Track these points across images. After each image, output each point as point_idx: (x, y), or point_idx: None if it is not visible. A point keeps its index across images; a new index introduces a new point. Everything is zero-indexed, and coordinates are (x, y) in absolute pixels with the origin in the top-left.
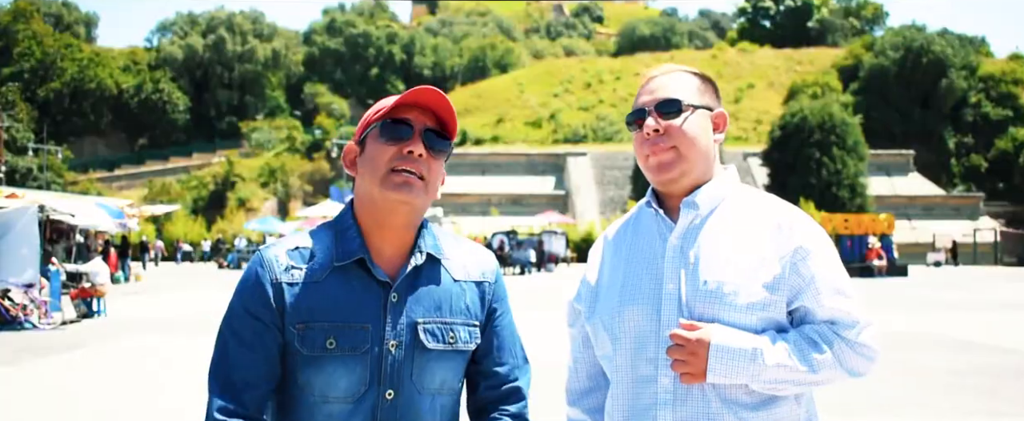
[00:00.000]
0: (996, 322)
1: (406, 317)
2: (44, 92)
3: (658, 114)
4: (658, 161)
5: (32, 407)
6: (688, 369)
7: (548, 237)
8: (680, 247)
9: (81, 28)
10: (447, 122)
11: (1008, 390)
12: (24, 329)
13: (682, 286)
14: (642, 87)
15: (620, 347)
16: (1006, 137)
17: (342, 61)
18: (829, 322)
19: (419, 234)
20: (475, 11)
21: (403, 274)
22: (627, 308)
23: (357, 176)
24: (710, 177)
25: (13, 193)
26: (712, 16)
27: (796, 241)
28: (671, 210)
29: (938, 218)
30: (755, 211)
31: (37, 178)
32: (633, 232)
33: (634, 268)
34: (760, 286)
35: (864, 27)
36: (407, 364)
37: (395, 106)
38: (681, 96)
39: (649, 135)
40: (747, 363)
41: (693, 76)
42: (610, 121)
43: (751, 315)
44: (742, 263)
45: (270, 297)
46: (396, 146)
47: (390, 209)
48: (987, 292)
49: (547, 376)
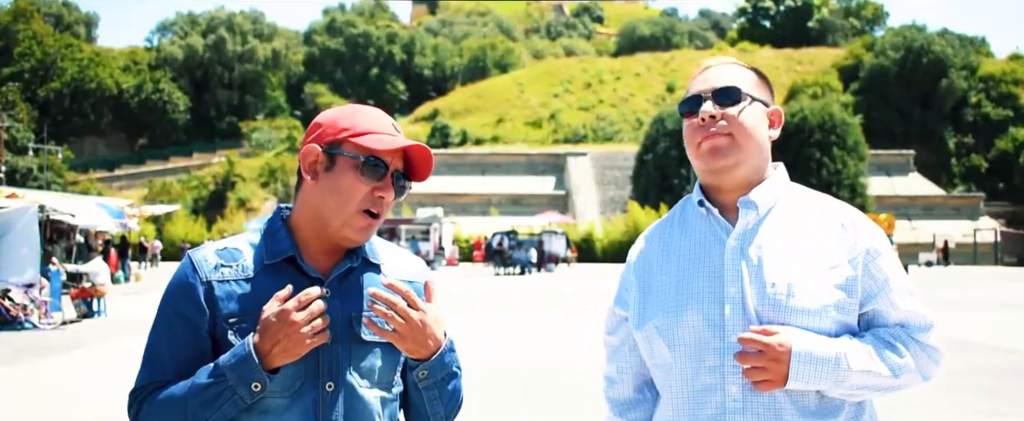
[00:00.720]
0: (996, 322)
1: (340, 311)
2: (44, 92)
3: (715, 101)
4: (712, 145)
5: (32, 407)
6: (767, 376)
7: (548, 237)
8: (739, 248)
9: (81, 28)
10: (417, 167)
11: (1008, 390)
12: (24, 329)
13: (746, 289)
14: (696, 76)
15: (679, 355)
16: (1006, 137)
17: (342, 61)
18: (900, 324)
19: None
20: (475, 11)
21: (336, 272)
22: (686, 314)
23: (315, 185)
24: (764, 175)
25: (13, 193)
26: (712, 16)
27: (865, 242)
28: (724, 209)
29: (938, 218)
30: (815, 210)
31: (37, 178)
32: (681, 233)
33: (689, 272)
34: (833, 288)
35: (864, 27)
36: (345, 357)
37: (373, 140)
38: (740, 85)
39: (705, 120)
40: (831, 369)
41: (749, 70)
42: (610, 121)
43: (825, 319)
44: (810, 265)
45: (200, 297)
46: (370, 185)
47: (343, 238)
48: (987, 292)
49: (548, 376)
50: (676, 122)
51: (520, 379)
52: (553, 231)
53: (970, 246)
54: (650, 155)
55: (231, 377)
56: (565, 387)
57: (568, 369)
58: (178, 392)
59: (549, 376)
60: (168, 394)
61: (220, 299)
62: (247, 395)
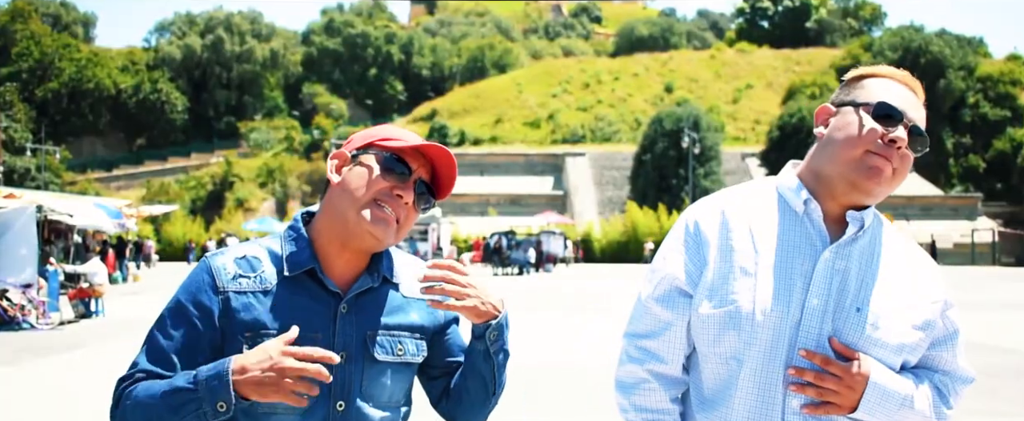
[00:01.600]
0: (995, 322)
1: (356, 328)
2: (42, 92)
3: (911, 136)
4: (879, 165)
5: (31, 407)
6: (837, 401)
7: (546, 237)
8: (832, 262)
9: (79, 28)
10: (441, 181)
11: (1008, 390)
12: (22, 329)
13: (830, 306)
14: (895, 84)
15: (753, 352)
16: (1004, 137)
17: (340, 61)
18: (947, 373)
19: (376, 257)
20: (473, 11)
21: (355, 288)
22: (768, 313)
23: (336, 186)
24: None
25: (11, 193)
26: (710, 16)
27: (944, 290)
28: (828, 218)
29: (936, 218)
30: (901, 246)
31: (35, 178)
32: (772, 226)
33: (783, 269)
34: (911, 327)
35: (862, 27)
36: (357, 376)
37: (410, 147)
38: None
39: (890, 141)
40: (896, 407)
41: (926, 120)
42: (608, 121)
43: (898, 355)
44: (896, 300)
45: (213, 307)
46: (389, 183)
47: (358, 235)
48: (986, 292)
49: (548, 376)
50: (674, 122)
51: (519, 379)
52: (551, 231)
53: (968, 246)
54: (648, 155)
55: (202, 388)
56: (565, 387)
57: (568, 369)
58: (156, 389)
59: (549, 376)
60: (148, 387)
61: (236, 311)
62: (211, 412)
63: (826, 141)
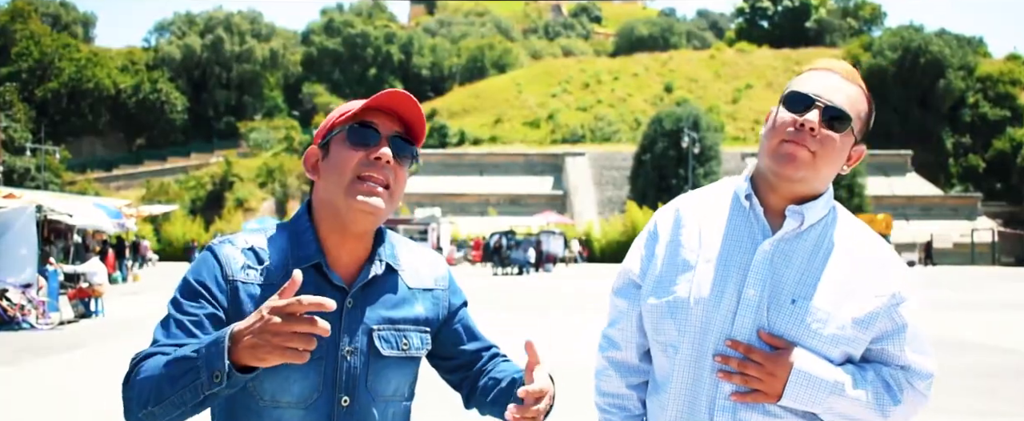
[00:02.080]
0: (994, 322)
1: (362, 323)
2: (42, 92)
3: (823, 117)
4: (793, 152)
5: (31, 407)
6: (762, 388)
7: (546, 237)
8: (771, 254)
9: (79, 28)
10: (414, 127)
11: (1007, 390)
12: (22, 329)
13: (764, 297)
14: (818, 70)
15: (685, 340)
16: (1004, 137)
17: (340, 61)
18: (903, 367)
19: (377, 241)
20: (473, 11)
21: (360, 281)
22: (703, 302)
23: (319, 180)
24: (818, 193)
25: (11, 193)
26: (710, 16)
27: (895, 284)
28: (768, 209)
29: (936, 218)
30: (853, 239)
31: (35, 178)
32: (719, 220)
33: (720, 262)
34: (850, 320)
35: (862, 27)
36: (362, 371)
37: (363, 109)
38: (853, 115)
39: (801, 126)
40: (825, 395)
41: (868, 103)
42: (608, 121)
43: (834, 347)
44: (835, 292)
45: (217, 289)
46: (363, 151)
47: (353, 218)
48: (985, 292)
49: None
50: (674, 122)
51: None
52: (551, 231)
53: (967, 246)
54: (648, 155)
55: (201, 357)
56: (564, 387)
57: (568, 369)
58: (164, 359)
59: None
60: (158, 359)
61: (242, 302)
62: (206, 382)
63: (762, 137)
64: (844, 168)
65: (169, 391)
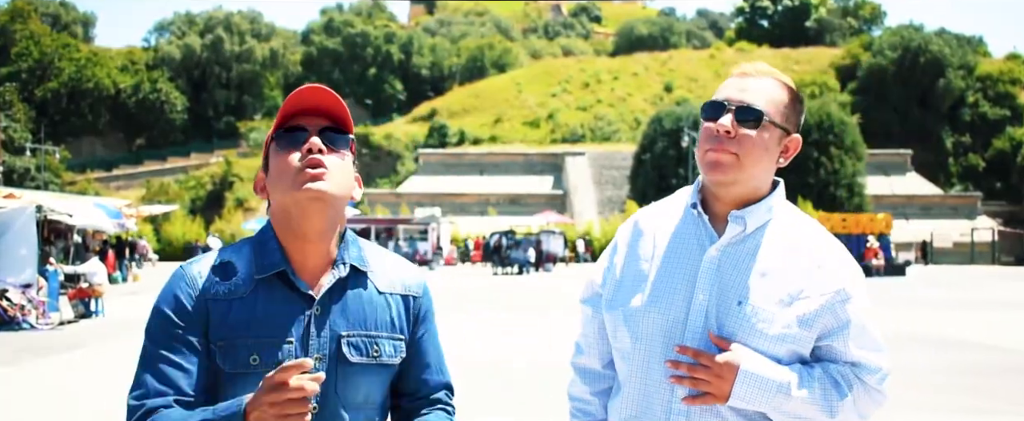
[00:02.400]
0: (994, 321)
1: (329, 330)
2: (42, 92)
3: (737, 118)
4: (717, 158)
5: (32, 407)
6: (710, 389)
7: (546, 237)
8: (718, 260)
9: (79, 28)
10: (341, 118)
11: (1007, 389)
12: (22, 329)
13: (713, 301)
14: (732, 78)
15: (639, 347)
16: (1004, 137)
17: (340, 61)
18: (852, 364)
19: (342, 246)
20: (473, 11)
21: (325, 286)
22: (653, 310)
23: (270, 198)
24: (762, 193)
25: (11, 193)
26: (710, 16)
27: (839, 282)
28: (715, 217)
29: (936, 217)
30: (800, 240)
31: (35, 178)
32: (671, 229)
33: (668, 270)
34: (794, 318)
35: (862, 27)
36: (330, 378)
37: (284, 116)
38: (767, 108)
39: (719, 133)
40: (772, 394)
41: (787, 90)
42: (608, 121)
43: (780, 346)
44: (780, 292)
45: (192, 312)
46: (296, 149)
47: (303, 212)
48: (985, 292)
49: (548, 376)
50: (673, 121)
51: (519, 378)
52: (551, 231)
53: (967, 245)
54: (648, 155)
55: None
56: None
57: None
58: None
59: (548, 375)
60: (163, 418)
61: (212, 319)
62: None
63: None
64: (780, 161)
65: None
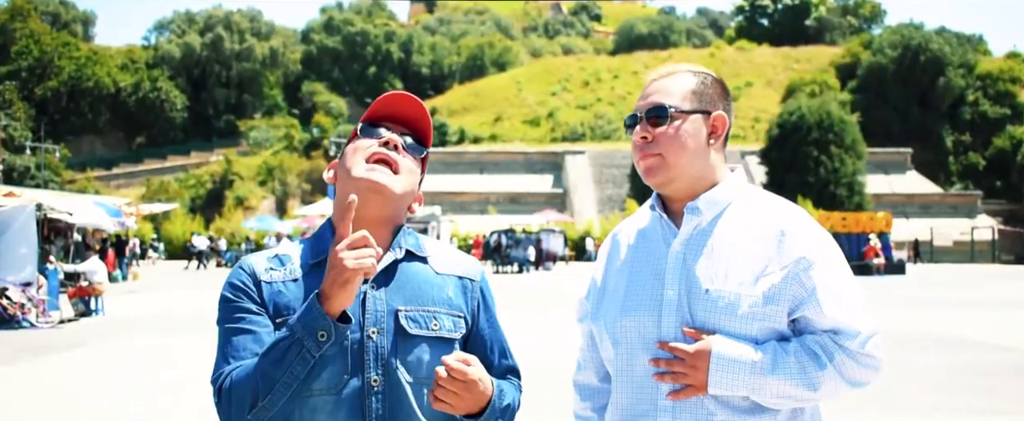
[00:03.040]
0: (994, 320)
1: (386, 305)
2: (41, 91)
3: (647, 121)
4: (645, 166)
5: (32, 406)
6: (689, 381)
7: (546, 235)
8: (682, 253)
9: (78, 27)
10: (422, 130)
11: (1007, 388)
12: (22, 328)
13: (683, 293)
14: (643, 90)
15: (620, 351)
16: (1004, 135)
17: (340, 60)
18: (831, 332)
19: (398, 234)
20: (473, 9)
21: (380, 266)
22: (629, 314)
23: (338, 183)
24: (713, 180)
25: (11, 192)
26: (710, 14)
27: (799, 250)
28: (675, 214)
29: (936, 216)
30: (759, 217)
31: (35, 177)
32: (639, 235)
33: (638, 273)
34: (760, 295)
35: (862, 25)
36: (392, 351)
37: (370, 115)
38: (671, 102)
39: (637, 141)
40: (748, 375)
41: (692, 77)
42: (608, 120)
43: (751, 325)
44: (743, 272)
45: (251, 292)
46: (374, 140)
47: (363, 197)
48: (985, 290)
49: (547, 376)
50: None
51: None
52: (551, 230)
53: (967, 244)
54: None
55: (298, 329)
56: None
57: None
58: (251, 364)
59: (548, 375)
60: (243, 368)
61: (269, 300)
62: (314, 346)
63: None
64: (711, 142)
65: (278, 373)
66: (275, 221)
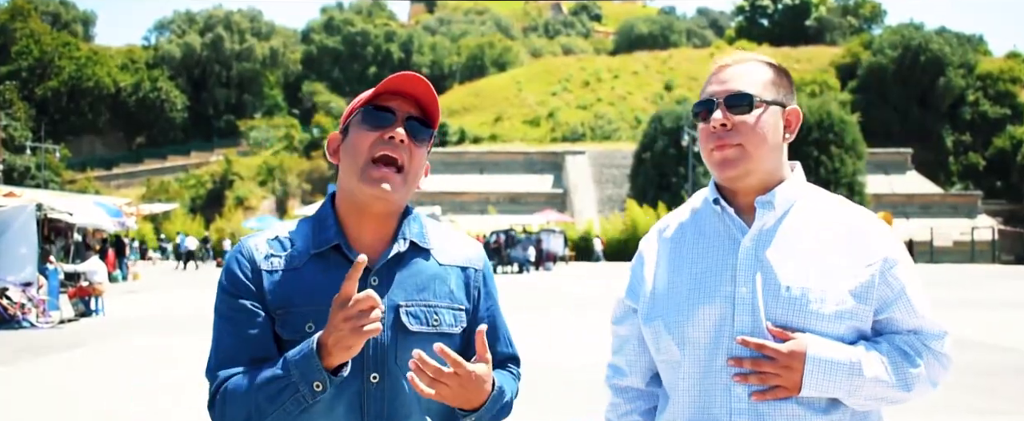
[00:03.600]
0: (994, 320)
1: (388, 300)
2: (42, 91)
3: (727, 108)
4: (722, 157)
5: (32, 406)
6: (780, 383)
7: (546, 235)
8: (754, 249)
9: (79, 27)
10: (430, 110)
11: (1007, 389)
12: (22, 328)
13: (759, 291)
14: (712, 75)
15: (688, 353)
16: (1004, 135)
17: (340, 59)
18: (914, 332)
19: (404, 221)
20: (473, 9)
21: (383, 259)
22: (698, 312)
23: (340, 164)
24: (781, 177)
25: (11, 192)
26: (710, 14)
27: (883, 250)
28: (740, 209)
29: (936, 216)
30: (832, 214)
31: (35, 177)
32: (695, 230)
33: (703, 270)
34: (847, 293)
35: (862, 25)
36: (391, 347)
37: (377, 93)
38: (753, 90)
39: (715, 129)
40: (845, 377)
41: (768, 67)
42: (608, 119)
43: (840, 324)
44: (826, 269)
45: (248, 282)
46: (377, 132)
47: (368, 202)
48: (985, 291)
49: (546, 375)
50: (674, 120)
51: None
52: (551, 230)
53: (968, 244)
54: (648, 153)
55: (295, 373)
56: (563, 385)
57: (568, 368)
58: (247, 383)
59: (547, 374)
60: (238, 384)
61: (269, 290)
62: (309, 393)
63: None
64: (787, 136)
65: (272, 408)
66: (275, 221)
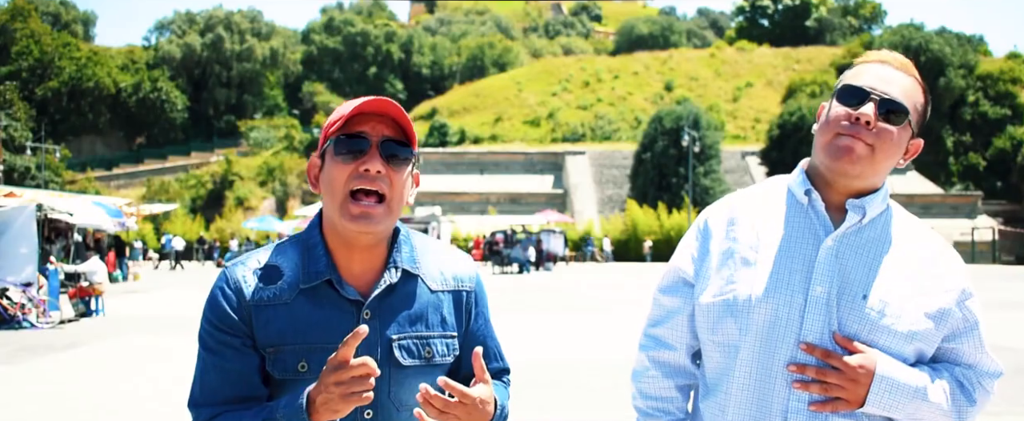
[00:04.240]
0: (994, 320)
1: (380, 335)
2: (42, 91)
3: (880, 109)
4: (849, 145)
5: (31, 406)
6: (843, 395)
7: (546, 236)
8: (835, 250)
9: (79, 27)
10: (406, 128)
11: (1007, 388)
12: (22, 328)
13: (834, 293)
14: (872, 62)
15: (748, 341)
16: (1004, 136)
17: (340, 60)
18: (971, 366)
19: (394, 245)
20: (473, 10)
21: (375, 291)
22: (768, 301)
23: (322, 195)
24: (876, 186)
25: (11, 192)
26: (710, 15)
27: (963, 280)
28: (827, 206)
29: (936, 217)
30: (917, 234)
31: (35, 177)
32: (775, 217)
33: (782, 259)
34: (923, 315)
35: (862, 26)
36: (383, 382)
37: (348, 118)
38: (909, 106)
39: (858, 120)
40: (909, 400)
41: (924, 93)
42: (608, 120)
43: (908, 344)
44: (905, 286)
45: (236, 318)
46: (352, 164)
47: (352, 237)
48: (985, 291)
49: (547, 375)
50: (674, 121)
51: (519, 377)
52: (552, 230)
53: (968, 245)
54: (648, 154)
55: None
56: (563, 385)
57: (568, 367)
58: (234, 418)
59: (547, 374)
60: (225, 419)
61: (259, 326)
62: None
63: (815, 134)
64: (901, 162)
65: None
66: (275, 221)
